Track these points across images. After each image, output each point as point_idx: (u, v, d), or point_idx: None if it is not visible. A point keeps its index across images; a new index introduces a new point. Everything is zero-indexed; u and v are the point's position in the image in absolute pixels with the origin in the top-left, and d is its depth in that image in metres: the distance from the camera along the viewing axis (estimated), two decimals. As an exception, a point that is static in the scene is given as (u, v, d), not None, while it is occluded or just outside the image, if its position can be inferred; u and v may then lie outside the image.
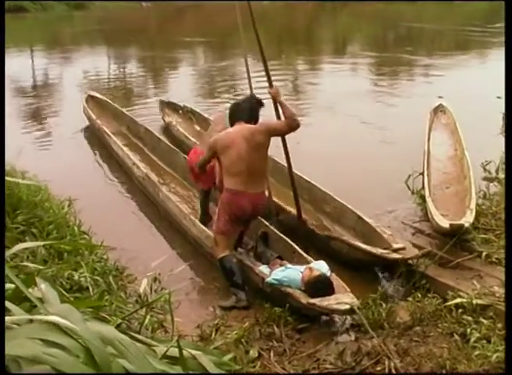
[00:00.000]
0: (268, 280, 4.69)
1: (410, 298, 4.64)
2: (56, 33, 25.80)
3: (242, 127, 5.06)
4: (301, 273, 4.64)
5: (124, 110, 9.93)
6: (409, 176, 7.14)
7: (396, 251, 5.15)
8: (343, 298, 4.34)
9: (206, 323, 4.44)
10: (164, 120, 9.75)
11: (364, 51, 21.03)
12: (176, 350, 2.25)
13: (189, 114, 9.48)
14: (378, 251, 5.16)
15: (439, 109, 8.91)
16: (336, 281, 4.59)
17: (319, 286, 4.47)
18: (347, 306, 4.23)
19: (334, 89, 13.49)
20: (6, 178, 4.15)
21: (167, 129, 9.56)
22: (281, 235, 5.58)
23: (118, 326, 2.57)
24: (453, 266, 5.16)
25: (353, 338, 4.27)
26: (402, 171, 7.28)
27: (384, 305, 4.50)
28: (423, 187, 6.60)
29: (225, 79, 15.16)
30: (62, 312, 2.00)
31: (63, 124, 10.43)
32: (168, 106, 10.06)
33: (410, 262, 5.17)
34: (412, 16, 31.52)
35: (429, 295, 4.59)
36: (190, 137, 8.52)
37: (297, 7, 34.51)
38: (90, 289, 4.05)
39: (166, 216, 6.52)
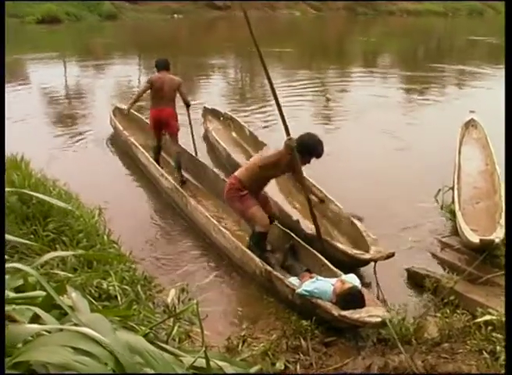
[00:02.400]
0: (299, 291, 4.68)
1: (438, 314, 4.59)
2: (89, 42, 26.14)
3: None
4: (332, 285, 4.64)
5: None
6: (439, 190, 7.09)
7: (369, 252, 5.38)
8: (374, 311, 4.33)
9: (233, 334, 4.43)
10: (205, 126, 9.91)
11: (398, 63, 20.98)
12: (203, 361, 2.25)
13: (228, 121, 9.58)
14: (353, 251, 5.42)
15: (470, 124, 8.85)
16: (367, 295, 4.59)
17: (351, 298, 4.47)
18: (379, 319, 4.22)
19: (366, 99, 13.52)
20: (42, 196, 4.16)
21: (206, 135, 9.76)
22: (310, 248, 5.57)
23: (145, 336, 2.58)
24: (483, 282, 5.10)
25: (380, 353, 4.24)
26: (431, 185, 7.25)
27: (412, 321, 4.46)
28: (453, 202, 6.54)
29: (254, 87, 15.27)
30: (92, 321, 2.02)
31: (93, 132, 10.52)
32: (212, 113, 10.29)
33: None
34: (445, 28, 31.32)
35: (458, 311, 4.54)
36: (221, 143, 8.74)
37: (329, 19, 34.57)
38: (119, 298, 4.07)
39: (194, 227, 6.54)
